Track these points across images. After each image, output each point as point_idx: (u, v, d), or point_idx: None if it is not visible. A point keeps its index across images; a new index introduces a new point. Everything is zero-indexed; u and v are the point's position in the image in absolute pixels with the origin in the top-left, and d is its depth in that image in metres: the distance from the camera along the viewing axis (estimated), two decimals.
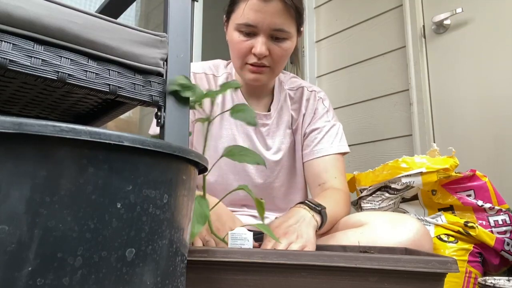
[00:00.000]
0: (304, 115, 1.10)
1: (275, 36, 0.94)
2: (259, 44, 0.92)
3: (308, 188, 1.10)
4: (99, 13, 0.54)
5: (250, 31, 0.93)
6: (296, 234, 0.73)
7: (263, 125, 1.07)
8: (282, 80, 1.13)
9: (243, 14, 0.92)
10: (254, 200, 0.66)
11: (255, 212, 1.07)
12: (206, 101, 1.02)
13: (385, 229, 0.82)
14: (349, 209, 1.01)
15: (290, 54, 1.00)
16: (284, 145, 1.08)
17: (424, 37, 1.76)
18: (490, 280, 0.87)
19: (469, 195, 1.16)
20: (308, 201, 0.84)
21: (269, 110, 1.09)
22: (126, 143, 0.33)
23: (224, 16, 1.03)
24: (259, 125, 1.07)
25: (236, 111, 0.62)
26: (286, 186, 1.10)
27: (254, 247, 0.71)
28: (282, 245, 0.71)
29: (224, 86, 0.62)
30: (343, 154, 1.07)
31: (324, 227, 0.86)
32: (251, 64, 0.96)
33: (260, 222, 0.69)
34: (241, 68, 0.99)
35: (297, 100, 1.11)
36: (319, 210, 0.82)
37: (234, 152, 0.66)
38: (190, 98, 0.53)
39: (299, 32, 1.01)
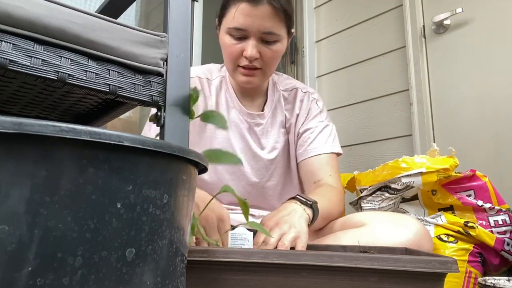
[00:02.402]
0: (297, 115, 1.11)
1: (265, 39, 0.97)
2: (250, 47, 0.95)
3: (303, 186, 1.11)
4: (99, 13, 0.54)
5: (241, 35, 0.96)
6: (289, 224, 0.74)
7: (257, 125, 1.09)
8: (276, 81, 1.15)
9: (233, 18, 0.95)
10: (237, 199, 0.65)
11: (252, 211, 1.07)
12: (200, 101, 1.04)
13: (385, 229, 0.82)
14: (342, 207, 1.03)
15: (281, 56, 1.03)
16: (279, 144, 1.10)
17: (424, 37, 1.76)
18: (490, 280, 0.87)
19: (469, 195, 1.16)
20: (299, 195, 0.85)
21: (262, 110, 1.11)
22: (126, 143, 0.33)
23: (216, 20, 1.05)
24: (252, 125, 1.08)
25: (206, 117, 0.61)
26: (282, 185, 1.11)
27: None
28: (275, 235, 0.71)
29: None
30: (337, 154, 1.09)
31: (317, 222, 0.86)
32: (243, 67, 0.98)
33: (253, 222, 0.69)
34: (233, 70, 1.01)
35: (291, 101, 1.13)
36: (310, 204, 0.83)
37: (209, 155, 0.65)
38: None
39: (289, 34, 1.03)
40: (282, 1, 0.95)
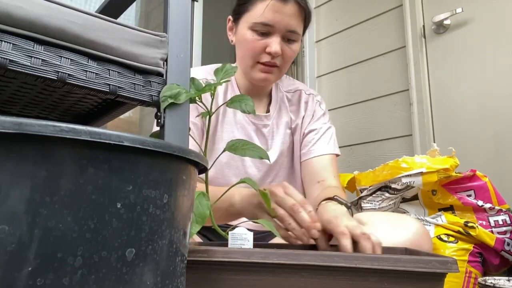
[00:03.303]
0: (303, 117, 1.12)
1: (288, 38, 0.98)
2: (275, 44, 0.95)
3: (304, 186, 1.11)
4: (99, 13, 0.54)
5: (265, 31, 0.96)
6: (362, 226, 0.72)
7: (264, 126, 1.09)
8: (278, 82, 1.15)
9: (262, 13, 0.94)
10: (258, 191, 0.66)
11: None
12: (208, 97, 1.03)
13: (385, 229, 0.82)
14: None
15: (295, 56, 1.03)
16: (285, 145, 1.10)
17: (424, 37, 1.76)
18: (490, 280, 0.87)
19: (469, 195, 1.16)
20: (338, 197, 0.83)
21: (268, 111, 1.11)
22: (126, 143, 0.33)
23: (231, 16, 1.04)
24: (260, 126, 1.08)
25: (232, 101, 0.63)
26: None
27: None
28: (350, 224, 0.68)
29: (220, 75, 0.63)
30: (336, 156, 1.11)
31: None
32: (263, 63, 0.98)
33: (263, 219, 0.69)
34: (251, 67, 1.00)
35: (295, 102, 1.14)
36: (349, 206, 0.82)
37: (236, 146, 0.66)
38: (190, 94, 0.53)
39: (302, 36, 1.05)
40: (306, 1, 0.97)
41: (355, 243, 0.66)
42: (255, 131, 1.08)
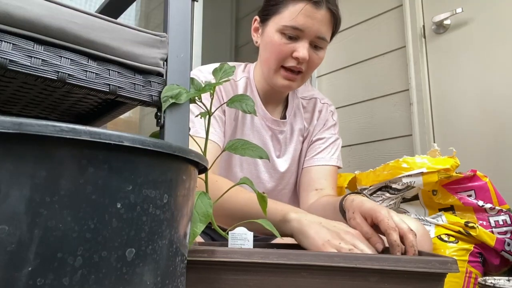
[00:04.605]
0: (315, 125, 1.12)
1: (315, 44, 0.96)
2: (303, 49, 0.93)
3: (299, 191, 1.10)
4: (99, 13, 0.54)
5: (295, 35, 0.93)
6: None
7: (280, 132, 1.08)
8: None
9: (293, 17, 0.92)
10: (256, 194, 0.66)
11: None
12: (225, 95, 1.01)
13: None
14: None
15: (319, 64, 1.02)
16: (296, 152, 1.10)
17: (424, 37, 1.76)
18: (490, 280, 0.87)
19: (469, 195, 1.16)
20: (365, 193, 0.83)
21: (284, 117, 1.10)
22: (126, 143, 0.33)
23: (258, 16, 1.02)
24: (276, 132, 1.07)
25: (233, 101, 0.62)
26: (291, 191, 1.12)
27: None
28: (396, 218, 0.68)
29: (219, 75, 0.62)
30: (338, 168, 1.11)
31: None
32: (287, 68, 0.96)
33: (263, 219, 0.69)
34: (275, 71, 0.98)
35: (310, 111, 1.13)
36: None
37: (236, 146, 0.65)
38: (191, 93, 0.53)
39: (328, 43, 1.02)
40: (338, 9, 0.96)
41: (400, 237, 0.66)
42: (270, 137, 1.07)
